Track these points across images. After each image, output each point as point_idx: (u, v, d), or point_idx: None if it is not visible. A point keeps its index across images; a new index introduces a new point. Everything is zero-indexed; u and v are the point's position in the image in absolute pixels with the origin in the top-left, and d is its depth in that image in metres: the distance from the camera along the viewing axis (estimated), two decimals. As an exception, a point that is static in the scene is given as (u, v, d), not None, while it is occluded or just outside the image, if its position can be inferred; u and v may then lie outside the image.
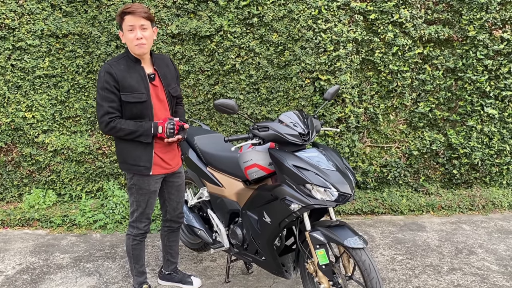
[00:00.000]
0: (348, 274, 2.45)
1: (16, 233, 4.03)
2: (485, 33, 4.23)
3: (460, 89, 4.40)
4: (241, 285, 3.07)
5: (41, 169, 4.46)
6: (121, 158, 2.58)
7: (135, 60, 2.48)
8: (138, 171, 2.55)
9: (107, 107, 2.39)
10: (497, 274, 3.20)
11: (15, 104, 4.28)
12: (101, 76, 2.39)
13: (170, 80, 2.62)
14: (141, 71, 2.48)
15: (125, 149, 2.54)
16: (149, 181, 2.59)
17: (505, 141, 4.49)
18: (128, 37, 2.41)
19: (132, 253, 2.77)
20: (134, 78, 2.44)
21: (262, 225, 2.57)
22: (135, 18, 2.37)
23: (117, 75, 2.39)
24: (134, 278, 2.86)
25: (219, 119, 4.39)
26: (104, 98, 2.39)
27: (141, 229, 2.71)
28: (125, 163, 2.57)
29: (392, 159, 4.50)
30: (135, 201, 2.64)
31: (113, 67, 2.40)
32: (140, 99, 2.43)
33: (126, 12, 2.37)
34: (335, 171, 2.31)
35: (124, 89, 2.40)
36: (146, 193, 2.61)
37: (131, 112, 2.44)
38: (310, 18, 4.12)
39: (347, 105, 4.27)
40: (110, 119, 2.40)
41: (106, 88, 2.38)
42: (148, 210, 2.67)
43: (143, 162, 2.53)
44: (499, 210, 4.44)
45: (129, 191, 2.65)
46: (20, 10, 4.13)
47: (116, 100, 2.41)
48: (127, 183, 2.65)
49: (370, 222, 4.17)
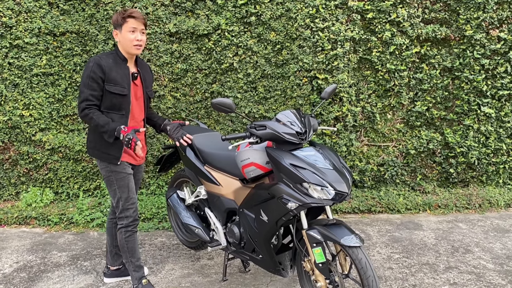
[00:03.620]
0: (344, 273, 2.46)
1: (13, 232, 4.02)
2: (482, 32, 4.24)
3: (457, 88, 4.41)
4: (238, 283, 3.08)
5: (38, 167, 4.46)
6: (92, 144, 2.74)
7: (123, 59, 2.68)
8: (108, 159, 2.69)
9: (87, 94, 2.55)
10: (493, 272, 3.22)
11: (12, 102, 4.27)
12: (89, 66, 2.56)
13: (149, 83, 2.86)
14: (126, 69, 2.68)
15: (97, 136, 2.69)
16: (122, 165, 2.73)
17: (501, 140, 4.51)
18: (128, 37, 2.62)
19: (127, 246, 2.80)
20: (120, 73, 2.64)
21: (259, 224, 2.57)
22: (137, 22, 2.62)
23: (105, 67, 2.57)
24: (132, 275, 2.87)
25: (217, 117, 4.40)
26: (87, 86, 2.55)
27: (130, 216, 2.77)
28: (95, 149, 2.72)
29: (389, 158, 4.51)
30: (117, 188, 2.74)
31: (103, 60, 2.59)
32: (122, 92, 2.63)
33: (131, 15, 2.61)
34: (332, 170, 2.32)
35: (109, 80, 2.59)
36: (124, 177, 2.73)
37: (110, 102, 2.61)
38: (308, 17, 4.12)
39: (345, 104, 4.28)
40: (87, 105, 2.56)
41: (92, 77, 2.55)
42: (131, 194, 2.77)
43: (113, 151, 2.68)
44: (495, 209, 4.46)
45: (108, 182, 2.75)
46: (17, 8, 4.12)
47: (98, 90, 2.57)
48: (103, 174, 2.75)
49: (367, 220, 4.19)
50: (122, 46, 2.67)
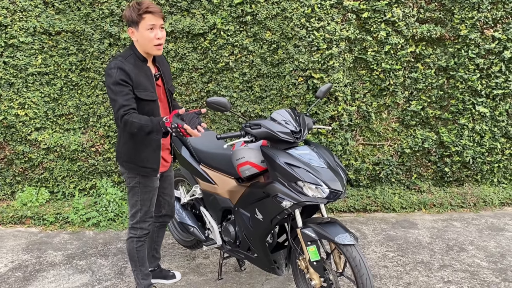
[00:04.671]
0: (339, 271, 2.47)
1: (8, 231, 4.02)
2: (477, 32, 4.26)
3: (452, 87, 4.43)
4: (233, 282, 3.08)
5: (34, 166, 4.45)
6: (127, 157, 2.51)
7: (143, 59, 2.42)
8: (145, 172, 2.50)
9: (121, 101, 2.26)
10: (487, 270, 3.24)
11: (8, 101, 4.26)
12: (112, 72, 2.29)
13: (168, 78, 2.61)
14: (148, 71, 2.43)
15: (134, 148, 2.48)
16: (153, 178, 2.57)
17: (496, 139, 4.53)
18: (147, 35, 2.33)
19: (137, 256, 2.69)
20: (143, 77, 2.39)
21: (254, 222, 2.58)
22: (155, 18, 2.31)
23: (129, 71, 2.31)
24: (140, 283, 2.76)
25: (213, 117, 4.40)
26: (117, 93, 2.28)
27: (145, 229, 2.65)
28: (131, 163, 2.50)
29: (384, 157, 4.52)
30: (140, 200, 2.57)
31: (125, 65, 2.32)
32: (152, 97, 2.39)
33: (148, 11, 2.29)
34: (326, 169, 2.33)
35: (138, 86, 2.34)
36: (151, 191, 2.58)
37: (143, 110, 2.36)
38: (303, 17, 4.13)
39: (340, 103, 4.29)
40: (124, 112, 2.26)
41: (119, 83, 2.28)
42: (152, 208, 2.64)
43: (151, 164, 2.50)
44: (490, 208, 4.48)
45: (132, 191, 2.57)
46: (12, 7, 4.11)
47: (130, 93, 2.30)
48: (129, 183, 2.56)
49: (362, 219, 4.20)
50: (140, 46, 2.38)
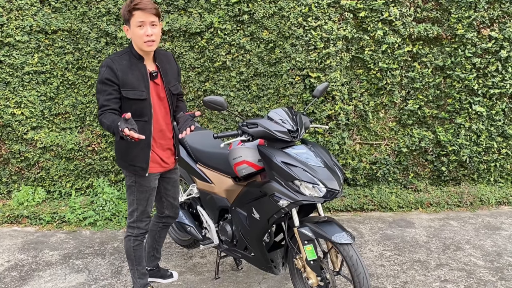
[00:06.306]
0: (336, 270, 2.47)
1: (4, 230, 4.00)
2: (474, 31, 4.27)
3: (449, 87, 4.44)
4: (230, 281, 3.08)
5: (30, 166, 4.44)
6: (119, 155, 2.56)
7: (138, 57, 2.41)
8: (135, 171, 2.51)
9: (101, 101, 2.31)
10: (483, 269, 3.25)
11: (4, 100, 4.25)
12: (101, 70, 2.32)
13: (171, 77, 2.56)
14: (143, 69, 2.41)
15: (123, 147, 2.50)
16: (149, 178, 2.55)
17: (492, 139, 4.54)
18: (137, 33, 2.32)
19: (134, 254, 2.70)
20: (135, 75, 2.38)
21: (251, 221, 2.58)
22: (145, 14, 2.29)
23: (118, 70, 2.32)
24: (136, 282, 2.76)
25: (210, 116, 4.39)
26: (100, 91, 2.32)
27: (142, 229, 2.65)
28: (122, 161, 2.55)
29: (381, 156, 4.53)
30: (136, 199, 2.58)
31: (115, 62, 2.33)
32: (140, 96, 2.38)
33: (136, 7, 2.28)
34: (323, 168, 2.33)
35: (125, 85, 2.34)
36: (147, 191, 2.57)
37: (130, 108, 2.35)
38: (301, 16, 4.13)
39: (337, 103, 4.30)
40: (101, 112, 2.30)
41: (104, 81, 2.30)
42: (149, 208, 2.63)
43: (139, 162, 2.49)
44: (486, 207, 4.49)
45: (129, 190, 2.59)
46: (8, 5, 4.09)
47: (114, 93, 2.32)
48: (126, 181, 2.59)
49: (359, 218, 4.21)
50: (134, 43, 2.39)
